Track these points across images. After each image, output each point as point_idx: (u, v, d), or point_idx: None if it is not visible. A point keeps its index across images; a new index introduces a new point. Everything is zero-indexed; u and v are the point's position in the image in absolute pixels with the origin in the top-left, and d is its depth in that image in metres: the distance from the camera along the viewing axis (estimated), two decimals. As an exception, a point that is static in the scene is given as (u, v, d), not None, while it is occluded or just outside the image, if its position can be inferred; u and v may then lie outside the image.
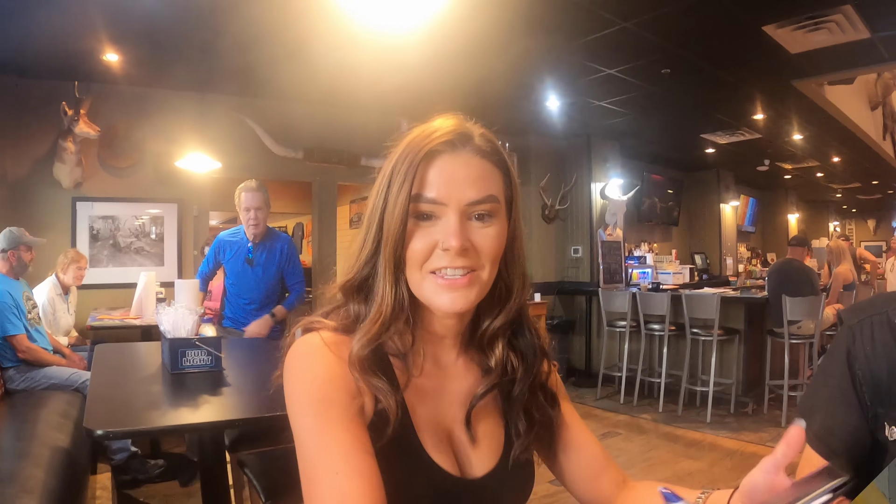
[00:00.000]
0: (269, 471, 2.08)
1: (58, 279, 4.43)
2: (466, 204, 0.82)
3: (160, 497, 3.59)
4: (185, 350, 2.45)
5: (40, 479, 2.15)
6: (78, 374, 3.67)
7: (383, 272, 0.84)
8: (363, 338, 0.83)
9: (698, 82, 5.47)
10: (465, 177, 0.82)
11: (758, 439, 4.83)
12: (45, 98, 4.86)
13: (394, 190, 0.83)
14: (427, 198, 0.82)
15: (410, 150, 0.84)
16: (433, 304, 0.84)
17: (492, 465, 0.90)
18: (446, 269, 0.81)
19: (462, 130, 0.86)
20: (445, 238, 0.81)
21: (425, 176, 0.82)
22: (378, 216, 0.85)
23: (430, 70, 4.83)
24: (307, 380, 0.80)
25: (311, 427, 0.76)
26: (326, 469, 0.73)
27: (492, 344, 0.94)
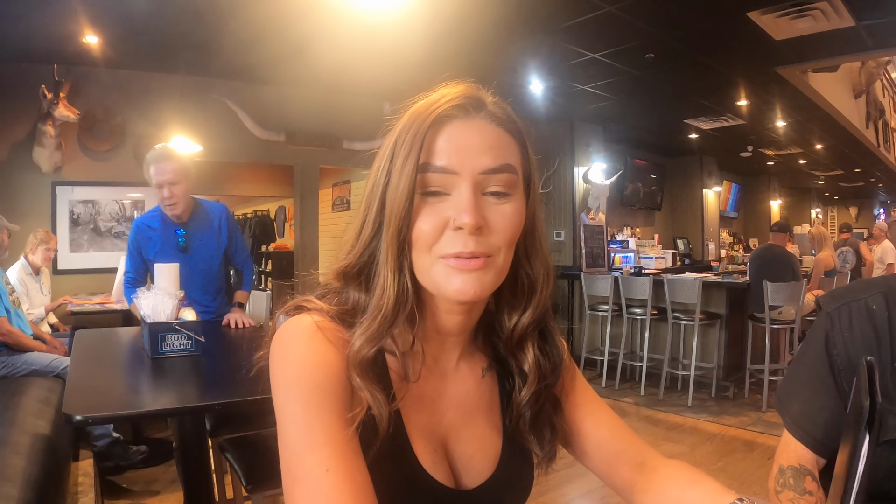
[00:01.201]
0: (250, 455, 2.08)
1: (27, 260, 4.39)
2: (481, 172, 0.73)
3: (143, 483, 3.58)
4: (164, 335, 2.43)
5: (21, 467, 2.13)
6: (59, 361, 3.63)
7: (385, 258, 0.75)
8: (363, 335, 0.74)
9: (682, 67, 5.47)
10: (479, 143, 0.73)
11: (738, 423, 4.88)
12: (24, 81, 4.78)
13: (398, 163, 0.73)
14: (436, 166, 0.72)
15: (416, 117, 0.75)
16: (443, 291, 0.74)
17: (487, 475, 0.85)
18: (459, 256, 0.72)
19: (474, 95, 0.77)
20: (458, 214, 0.71)
21: (434, 143, 0.73)
22: (379, 194, 0.76)
23: (414, 52, 4.79)
24: (298, 364, 0.71)
25: (299, 416, 0.68)
26: (316, 465, 0.65)
27: (521, 346, 0.86)
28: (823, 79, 6.26)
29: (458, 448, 0.84)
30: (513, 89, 6.21)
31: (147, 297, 2.51)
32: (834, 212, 18.74)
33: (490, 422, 0.88)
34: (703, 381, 5.78)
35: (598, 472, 0.91)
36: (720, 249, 11.29)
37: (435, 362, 0.85)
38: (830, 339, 1.10)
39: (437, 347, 0.84)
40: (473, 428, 0.86)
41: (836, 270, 6.29)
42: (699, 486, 0.80)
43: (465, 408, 0.86)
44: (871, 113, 8.38)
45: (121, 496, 3.42)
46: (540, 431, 0.87)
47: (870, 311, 1.07)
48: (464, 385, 0.87)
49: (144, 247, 3.21)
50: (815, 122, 7.57)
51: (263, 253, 11.07)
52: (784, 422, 1.17)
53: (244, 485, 1.98)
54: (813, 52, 4.96)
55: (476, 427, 0.86)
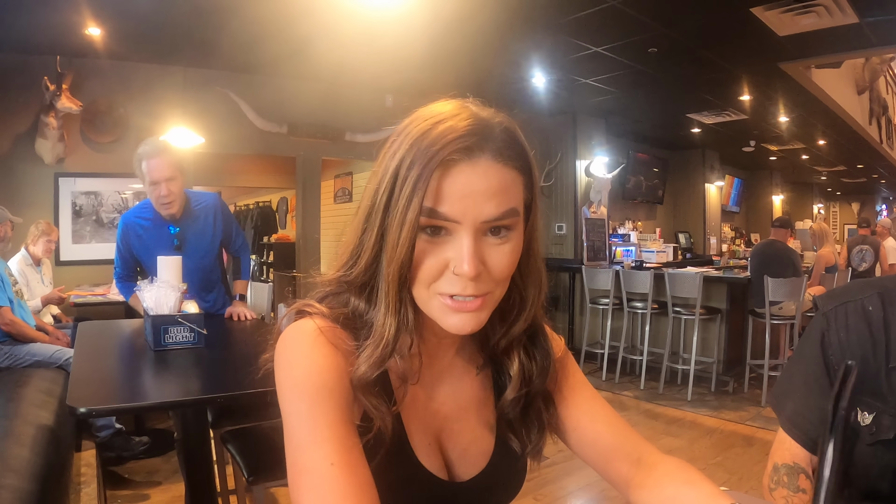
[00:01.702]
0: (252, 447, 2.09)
1: (27, 251, 4.40)
2: (483, 221, 0.72)
3: (144, 473, 3.61)
4: (167, 327, 2.44)
5: (25, 458, 2.15)
6: (62, 352, 3.65)
7: (386, 290, 0.75)
8: (368, 360, 0.75)
9: (685, 62, 5.46)
10: (483, 191, 0.72)
11: (738, 418, 4.90)
12: (27, 73, 4.78)
13: (401, 199, 0.72)
14: (439, 213, 0.71)
15: (420, 152, 0.71)
16: (441, 323, 0.76)
17: (480, 468, 0.88)
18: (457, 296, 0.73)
19: (481, 130, 0.73)
20: (458, 262, 0.72)
21: (438, 188, 0.71)
22: (379, 221, 0.75)
23: (417, 46, 4.80)
24: (304, 366, 0.73)
25: (305, 414, 0.70)
26: (321, 459, 0.67)
27: (508, 352, 0.89)
28: (827, 75, 6.25)
29: (452, 442, 0.87)
30: (516, 83, 6.21)
31: (150, 290, 2.53)
32: (836, 207, 18.71)
33: (483, 417, 0.90)
34: (703, 376, 5.79)
35: (594, 466, 0.93)
36: (721, 244, 11.29)
37: (431, 361, 0.87)
38: (826, 339, 1.11)
39: (433, 348, 0.86)
40: (467, 423, 0.89)
41: (836, 267, 6.29)
42: (695, 487, 0.81)
43: (459, 403, 0.89)
44: (875, 109, 8.37)
45: (123, 486, 3.44)
46: (527, 428, 0.89)
47: (866, 312, 1.08)
48: (458, 382, 0.90)
49: (136, 245, 3.04)
50: (817, 117, 7.56)
51: (265, 244, 11.08)
52: (779, 420, 1.18)
53: (246, 476, 2.00)
54: (816, 48, 4.95)
55: (469, 422, 0.89)
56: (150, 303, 2.50)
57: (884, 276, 2.38)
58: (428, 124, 0.74)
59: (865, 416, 1.05)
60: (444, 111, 0.75)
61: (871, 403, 1.05)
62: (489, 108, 0.79)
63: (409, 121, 0.77)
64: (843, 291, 1.15)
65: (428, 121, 0.74)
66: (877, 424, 1.03)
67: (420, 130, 0.73)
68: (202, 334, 2.50)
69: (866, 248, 7.27)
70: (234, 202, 13.78)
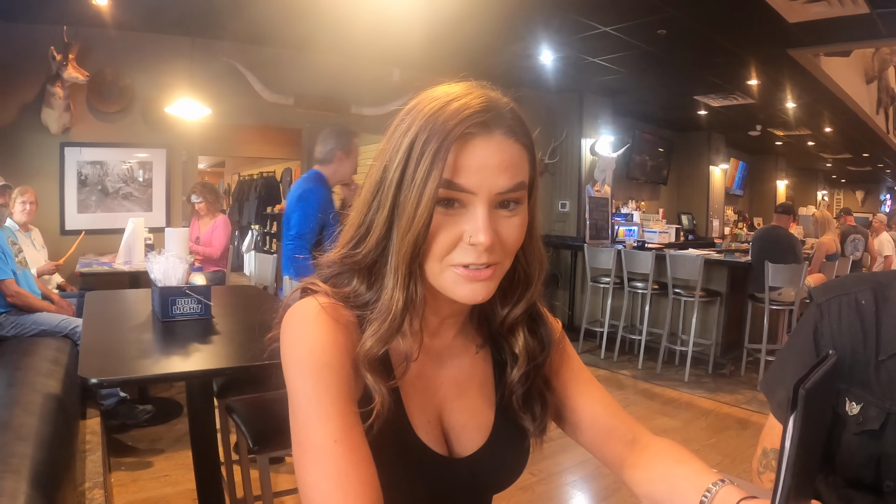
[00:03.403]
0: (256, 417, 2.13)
1: (13, 220, 4.36)
2: (497, 193, 0.75)
3: (148, 441, 3.67)
4: (175, 298, 2.49)
5: (33, 426, 2.19)
6: (67, 321, 3.68)
7: (397, 264, 0.77)
8: (374, 336, 0.78)
9: (694, 45, 5.44)
10: (497, 164, 0.74)
11: (733, 401, 4.95)
12: (33, 43, 4.77)
13: (419, 173, 0.73)
14: (457, 185, 0.74)
15: (436, 128, 0.74)
16: (452, 295, 0.78)
17: (480, 444, 0.89)
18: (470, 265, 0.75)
19: (494, 107, 0.76)
20: (474, 232, 0.74)
21: (456, 161, 0.73)
22: (391, 196, 0.76)
23: (425, 19, 4.77)
24: (308, 344, 0.75)
25: (310, 391, 0.73)
26: (325, 436, 0.70)
27: (512, 331, 0.91)
28: (835, 63, 6.22)
29: (452, 419, 0.89)
30: (523, 60, 6.19)
31: (158, 262, 2.57)
32: (840, 195, 18.65)
33: (483, 395, 0.92)
34: (701, 358, 5.84)
35: (589, 448, 0.96)
36: (724, 227, 11.29)
37: (432, 340, 0.89)
38: (819, 331, 1.14)
39: (434, 327, 0.89)
40: (467, 400, 0.91)
41: (837, 255, 6.31)
42: (685, 465, 0.84)
43: (458, 381, 0.91)
44: (883, 99, 8.32)
45: (127, 454, 3.51)
46: (531, 407, 0.91)
47: (858, 306, 1.11)
48: (458, 361, 0.92)
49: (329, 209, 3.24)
50: (824, 105, 7.53)
51: (269, 214, 11.10)
52: (770, 406, 1.22)
53: (251, 445, 2.04)
54: (826, 36, 4.93)
55: (469, 399, 0.91)
56: (158, 274, 2.55)
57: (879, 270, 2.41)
58: (441, 102, 0.76)
59: (853, 406, 1.09)
60: (454, 91, 0.78)
61: (859, 394, 1.08)
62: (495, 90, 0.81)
63: (417, 101, 0.79)
64: (837, 284, 1.18)
65: (440, 99, 0.76)
66: (864, 415, 1.07)
67: (434, 108, 0.75)
68: (209, 305, 2.54)
69: (858, 237, 7.32)
70: (238, 172, 13.78)
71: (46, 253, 4.68)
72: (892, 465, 1.04)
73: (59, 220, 5.12)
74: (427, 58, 5.76)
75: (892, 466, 1.04)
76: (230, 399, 2.31)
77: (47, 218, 4.88)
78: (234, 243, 7.64)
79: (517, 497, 3.17)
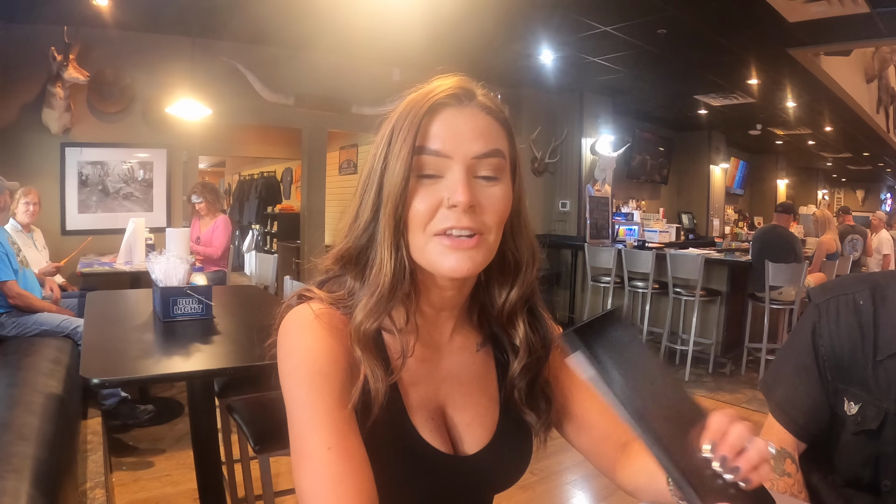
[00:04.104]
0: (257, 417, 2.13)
1: (15, 220, 4.35)
2: (473, 157, 0.78)
3: (149, 441, 3.68)
4: (176, 298, 2.50)
5: (35, 426, 2.19)
6: (69, 321, 3.68)
7: (382, 237, 0.79)
8: (363, 310, 0.80)
9: (694, 44, 5.44)
10: (471, 129, 0.79)
11: (734, 400, 4.96)
12: (34, 43, 4.77)
13: (395, 148, 0.78)
14: (431, 150, 0.77)
15: (412, 105, 0.80)
16: (437, 268, 0.79)
17: (485, 442, 0.90)
18: (452, 231, 0.77)
19: (466, 87, 0.82)
20: (451, 193, 0.76)
21: (429, 129, 0.78)
22: (377, 179, 0.80)
23: (425, 19, 4.77)
24: (301, 352, 0.77)
25: (304, 400, 0.75)
26: (319, 443, 0.72)
27: (512, 322, 0.91)
28: (836, 62, 6.22)
29: (456, 417, 0.90)
30: (523, 59, 6.20)
31: (159, 262, 2.57)
32: (840, 194, 18.63)
33: (486, 392, 0.93)
34: (701, 357, 5.84)
35: (584, 452, 0.97)
36: (724, 226, 11.29)
37: (430, 337, 0.90)
38: (817, 331, 1.15)
39: (431, 323, 0.90)
40: (470, 398, 0.91)
41: (838, 254, 6.31)
42: None
43: (460, 379, 0.91)
44: (883, 98, 8.32)
45: (128, 454, 3.51)
46: (535, 402, 0.92)
47: (857, 306, 1.12)
48: (458, 358, 0.92)
49: None
50: (825, 104, 7.53)
51: (269, 214, 11.11)
52: (769, 406, 1.22)
53: (252, 446, 2.04)
54: (826, 35, 4.93)
55: (472, 397, 0.91)
56: (159, 274, 2.55)
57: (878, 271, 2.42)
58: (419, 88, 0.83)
59: (852, 406, 1.09)
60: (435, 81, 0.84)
61: (857, 394, 1.09)
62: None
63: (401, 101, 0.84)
64: (836, 285, 1.19)
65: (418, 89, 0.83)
66: (862, 415, 1.08)
67: (412, 94, 0.83)
68: (210, 306, 2.55)
69: (857, 238, 7.32)
70: (239, 172, 13.79)
71: (48, 253, 4.68)
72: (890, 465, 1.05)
73: (60, 220, 5.12)
74: (427, 57, 5.76)
75: (890, 466, 1.05)
76: (231, 399, 2.31)
77: (48, 218, 4.88)
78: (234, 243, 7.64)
79: (517, 496, 3.18)
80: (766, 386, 1.24)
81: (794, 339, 1.21)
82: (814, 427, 1.15)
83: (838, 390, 1.11)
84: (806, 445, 1.17)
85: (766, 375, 1.27)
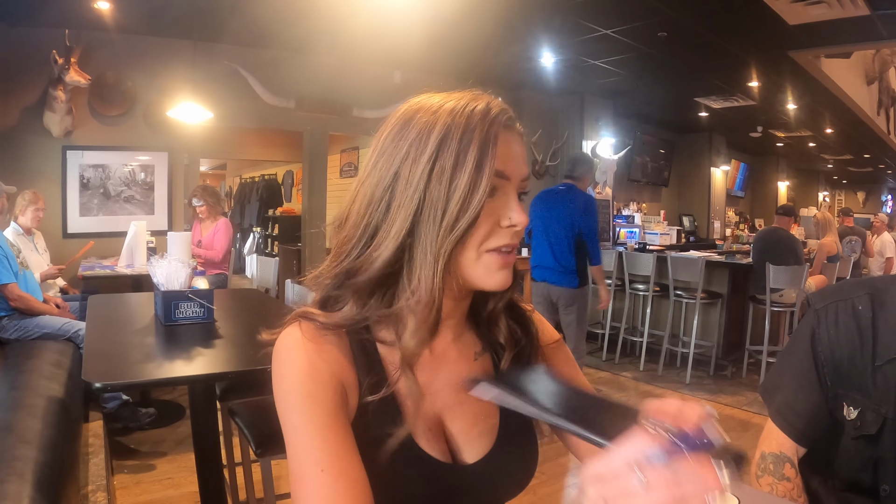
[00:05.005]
0: (258, 420, 2.13)
1: (17, 223, 4.35)
2: (522, 179, 0.83)
3: (150, 444, 3.68)
4: (178, 302, 2.50)
5: (37, 430, 2.19)
6: (70, 324, 3.69)
7: (435, 258, 0.77)
8: (414, 336, 0.80)
9: (694, 47, 5.45)
10: (520, 153, 0.83)
11: (735, 402, 4.95)
12: (35, 46, 4.77)
13: (466, 165, 0.76)
14: (502, 173, 0.79)
15: (472, 125, 0.77)
16: (485, 282, 0.81)
17: (485, 451, 0.89)
18: (502, 248, 0.80)
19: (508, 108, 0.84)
20: (512, 214, 0.79)
21: (496, 150, 0.78)
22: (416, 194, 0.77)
23: (426, 23, 4.78)
24: (292, 375, 0.78)
25: (296, 424, 0.75)
26: (313, 465, 0.72)
27: (495, 321, 0.93)
28: (836, 64, 6.23)
29: (456, 426, 0.88)
30: (524, 62, 6.21)
31: (161, 266, 2.58)
32: (841, 196, 18.62)
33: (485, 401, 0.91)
34: (702, 360, 5.84)
35: (580, 457, 0.96)
36: (725, 228, 11.29)
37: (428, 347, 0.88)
38: (816, 336, 1.15)
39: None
40: (469, 406, 0.89)
41: (839, 256, 6.31)
42: None
43: (458, 387, 0.90)
44: (883, 100, 8.33)
45: (129, 457, 3.51)
46: None
47: (855, 311, 1.12)
48: (456, 366, 0.91)
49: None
50: (825, 106, 7.54)
51: (270, 217, 11.11)
52: (768, 411, 1.23)
53: (254, 449, 2.05)
54: (826, 38, 4.94)
55: (471, 405, 0.89)
56: (161, 278, 2.56)
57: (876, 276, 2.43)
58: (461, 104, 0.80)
59: (851, 410, 1.10)
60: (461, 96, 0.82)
61: (857, 399, 1.09)
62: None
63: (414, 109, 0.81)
64: (835, 290, 1.19)
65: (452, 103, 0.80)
66: (861, 420, 1.08)
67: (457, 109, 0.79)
68: (212, 309, 2.56)
69: (855, 239, 7.31)
70: (240, 175, 13.80)
71: (49, 256, 4.68)
72: (889, 469, 1.05)
73: (62, 223, 5.13)
74: (428, 60, 5.78)
75: (888, 470, 1.05)
76: (233, 402, 2.32)
77: (49, 221, 4.87)
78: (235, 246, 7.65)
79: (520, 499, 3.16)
80: (765, 391, 1.25)
81: (794, 344, 1.21)
82: (813, 432, 1.15)
83: (837, 395, 1.12)
84: (805, 450, 1.17)
85: (765, 381, 1.28)
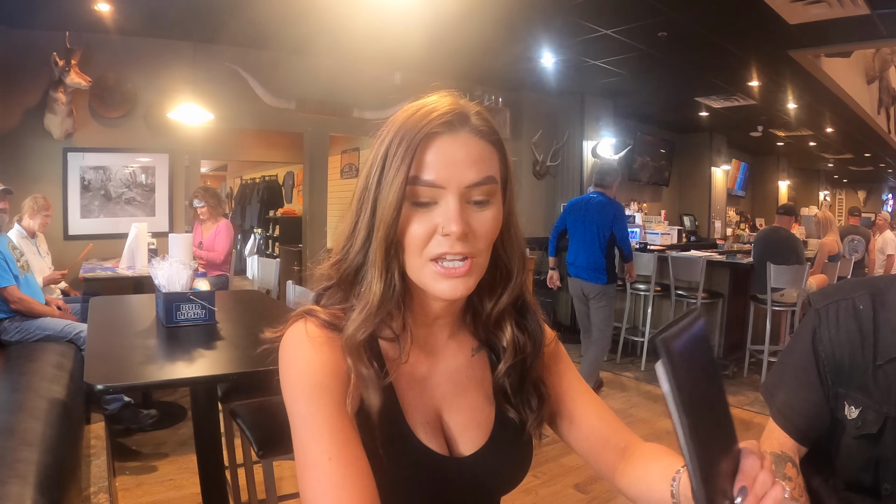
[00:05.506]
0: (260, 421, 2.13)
1: (21, 225, 4.36)
2: (466, 186, 0.79)
3: (152, 445, 3.68)
4: (179, 304, 2.51)
5: (39, 431, 2.20)
6: (71, 326, 3.69)
7: (374, 259, 0.81)
8: (353, 323, 0.82)
9: (695, 47, 5.45)
10: (464, 158, 0.79)
11: (736, 402, 4.94)
12: (36, 48, 4.77)
13: (389, 174, 0.79)
14: (425, 181, 0.78)
15: (406, 131, 0.79)
16: (432, 291, 0.82)
17: (481, 443, 0.91)
18: (445, 256, 0.79)
19: (459, 110, 0.81)
20: (446, 223, 0.78)
21: (423, 158, 0.78)
22: (371, 201, 0.82)
23: (427, 24, 4.79)
24: (300, 366, 0.80)
25: (304, 413, 0.77)
26: (320, 454, 0.74)
27: (499, 325, 0.93)
28: (836, 63, 6.23)
29: (453, 419, 0.91)
30: (524, 62, 6.21)
31: (162, 268, 2.58)
32: (842, 195, 18.62)
33: (482, 394, 0.94)
34: (703, 360, 5.82)
35: (584, 456, 0.98)
36: (726, 228, 11.29)
37: (426, 342, 0.92)
38: (817, 336, 1.15)
39: (426, 329, 0.92)
40: (465, 400, 0.93)
41: (839, 255, 6.30)
42: (660, 460, 0.86)
43: (456, 382, 0.93)
44: (884, 99, 8.33)
45: (131, 458, 3.51)
46: (526, 400, 0.94)
47: (856, 311, 1.12)
48: (454, 361, 0.94)
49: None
50: (826, 105, 7.54)
51: (271, 218, 11.11)
52: (770, 410, 1.23)
53: (256, 450, 2.05)
54: (826, 37, 4.95)
55: (468, 399, 0.93)
56: (162, 280, 2.56)
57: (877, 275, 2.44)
58: (413, 109, 0.82)
59: (852, 410, 1.10)
60: (428, 100, 0.84)
61: (858, 399, 1.09)
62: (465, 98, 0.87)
63: (397, 114, 0.84)
64: (836, 289, 1.19)
65: (413, 107, 0.83)
66: (862, 419, 1.08)
67: (405, 115, 0.82)
68: (213, 311, 2.56)
69: (858, 238, 7.30)
70: (241, 176, 13.81)
71: (50, 259, 4.69)
72: (890, 469, 1.05)
73: (63, 225, 5.13)
74: (428, 61, 5.78)
75: (889, 470, 1.06)
76: (234, 403, 2.32)
77: (51, 223, 4.88)
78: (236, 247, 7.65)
79: (521, 499, 3.18)
80: (766, 391, 1.25)
81: (795, 344, 1.21)
82: (814, 431, 1.15)
83: (839, 395, 1.12)
84: (807, 449, 1.17)
85: (766, 380, 1.28)
